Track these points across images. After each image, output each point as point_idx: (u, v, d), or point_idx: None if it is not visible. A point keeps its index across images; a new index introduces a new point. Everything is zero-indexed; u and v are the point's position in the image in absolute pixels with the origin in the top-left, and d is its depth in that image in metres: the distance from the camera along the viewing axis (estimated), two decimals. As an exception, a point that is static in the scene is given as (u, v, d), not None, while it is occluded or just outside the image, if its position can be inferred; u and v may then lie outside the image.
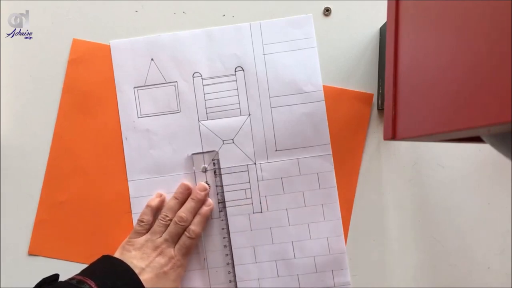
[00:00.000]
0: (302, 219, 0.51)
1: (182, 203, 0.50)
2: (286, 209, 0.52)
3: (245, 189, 0.52)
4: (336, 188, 0.52)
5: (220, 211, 0.52)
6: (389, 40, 0.39)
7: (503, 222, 0.52)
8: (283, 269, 0.51)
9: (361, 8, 0.52)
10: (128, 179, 0.52)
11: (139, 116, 0.52)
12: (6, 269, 0.52)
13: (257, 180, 0.52)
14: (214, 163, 0.51)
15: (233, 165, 0.52)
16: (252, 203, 0.52)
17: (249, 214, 0.52)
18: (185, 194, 0.51)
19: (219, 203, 0.52)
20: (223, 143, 0.52)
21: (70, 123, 0.52)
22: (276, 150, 0.52)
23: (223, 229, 0.52)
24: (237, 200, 0.52)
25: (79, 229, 0.52)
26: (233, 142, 0.52)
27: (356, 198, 0.52)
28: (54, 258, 0.52)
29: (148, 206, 0.50)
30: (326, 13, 0.52)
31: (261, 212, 0.52)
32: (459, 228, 0.52)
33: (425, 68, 0.32)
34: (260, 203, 0.52)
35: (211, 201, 0.51)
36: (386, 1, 0.40)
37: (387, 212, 0.52)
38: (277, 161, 0.51)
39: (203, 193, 0.50)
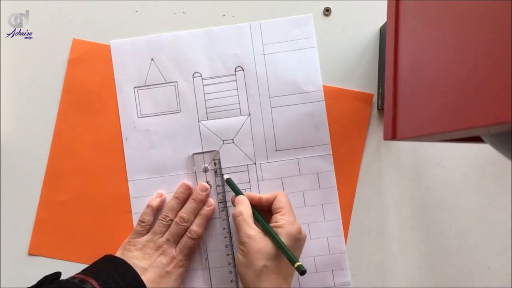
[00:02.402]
0: (302, 219, 0.51)
1: (182, 203, 0.50)
2: (286, 209, 0.52)
3: (245, 189, 0.52)
4: (336, 188, 0.52)
5: (221, 211, 0.52)
6: (389, 40, 0.39)
7: (503, 222, 0.52)
8: (283, 269, 0.51)
9: (361, 8, 0.52)
10: (128, 179, 0.52)
11: (139, 116, 0.52)
12: (6, 269, 0.52)
13: (257, 180, 0.52)
14: (215, 163, 0.51)
15: (233, 165, 0.52)
16: (252, 203, 0.52)
17: (249, 214, 0.52)
18: (186, 194, 0.51)
19: (220, 203, 0.52)
20: (223, 143, 0.52)
21: (70, 123, 0.52)
22: (276, 150, 0.52)
23: (224, 228, 0.51)
24: (237, 200, 0.52)
25: (79, 229, 0.52)
26: (233, 142, 0.52)
27: (356, 198, 0.52)
28: (54, 258, 0.52)
29: (148, 206, 0.50)
30: (326, 13, 0.52)
31: (261, 212, 0.52)
32: (459, 228, 0.52)
33: (425, 68, 0.32)
34: (260, 203, 0.52)
35: (212, 201, 0.51)
36: (386, 1, 0.40)
37: (387, 212, 0.52)
38: (277, 161, 0.51)
39: (204, 194, 0.50)
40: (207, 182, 0.51)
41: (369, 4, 0.51)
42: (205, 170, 0.51)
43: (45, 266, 0.52)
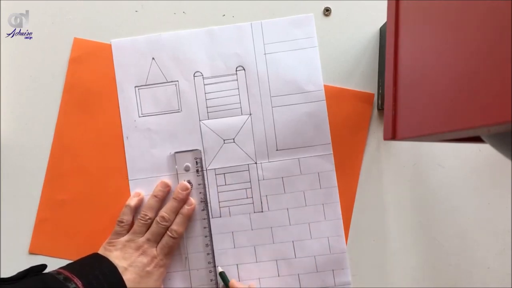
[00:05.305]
0: (303, 219, 0.51)
1: (161, 201, 0.50)
2: (287, 209, 0.52)
3: (246, 188, 0.52)
4: (337, 188, 0.52)
5: (202, 210, 0.52)
6: (389, 40, 0.39)
7: (503, 222, 0.52)
8: (284, 268, 0.51)
9: (361, 8, 0.52)
10: (129, 178, 0.52)
11: (140, 115, 0.52)
12: (7, 268, 0.52)
13: (258, 180, 0.52)
14: (196, 162, 0.51)
15: (234, 165, 0.52)
16: (253, 203, 0.52)
17: (249, 214, 0.52)
18: (164, 192, 0.51)
19: (201, 202, 0.52)
20: (224, 143, 0.52)
21: (71, 122, 0.52)
22: (277, 150, 0.52)
23: (204, 228, 0.51)
24: (238, 199, 0.52)
25: (80, 228, 0.52)
26: (234, 142, 0.52)
27: (357, 198, 0.52)
28: (55, 257, 0.52)
29: (126, 206, 0.50)
30: (326, 13, 0.52)
31: (262, 211, 0.52)
32: (459, 228, 0.52)
33: (425, 68, 0.32)
34: (261, 202, 0.52)
35: (192, 200, 0.51)
36: (386, 1, 0.40)
37: (387, 212, 0.52)
38: (278, 161, 0.52)
39: (184, 193, 0.50)
40: (188, 181, 0.51)
41: (369, 4, 0.52)
42: (187, 169, 0.51)
43: (46, 266, 0.52)
